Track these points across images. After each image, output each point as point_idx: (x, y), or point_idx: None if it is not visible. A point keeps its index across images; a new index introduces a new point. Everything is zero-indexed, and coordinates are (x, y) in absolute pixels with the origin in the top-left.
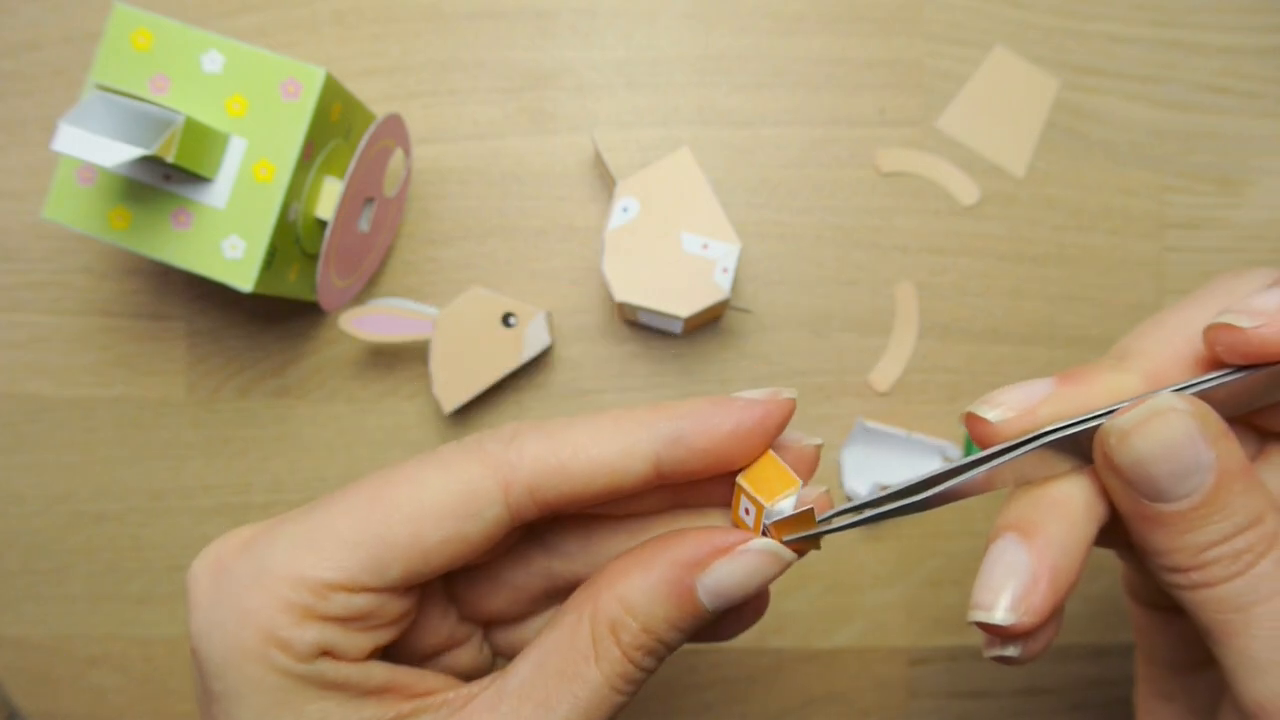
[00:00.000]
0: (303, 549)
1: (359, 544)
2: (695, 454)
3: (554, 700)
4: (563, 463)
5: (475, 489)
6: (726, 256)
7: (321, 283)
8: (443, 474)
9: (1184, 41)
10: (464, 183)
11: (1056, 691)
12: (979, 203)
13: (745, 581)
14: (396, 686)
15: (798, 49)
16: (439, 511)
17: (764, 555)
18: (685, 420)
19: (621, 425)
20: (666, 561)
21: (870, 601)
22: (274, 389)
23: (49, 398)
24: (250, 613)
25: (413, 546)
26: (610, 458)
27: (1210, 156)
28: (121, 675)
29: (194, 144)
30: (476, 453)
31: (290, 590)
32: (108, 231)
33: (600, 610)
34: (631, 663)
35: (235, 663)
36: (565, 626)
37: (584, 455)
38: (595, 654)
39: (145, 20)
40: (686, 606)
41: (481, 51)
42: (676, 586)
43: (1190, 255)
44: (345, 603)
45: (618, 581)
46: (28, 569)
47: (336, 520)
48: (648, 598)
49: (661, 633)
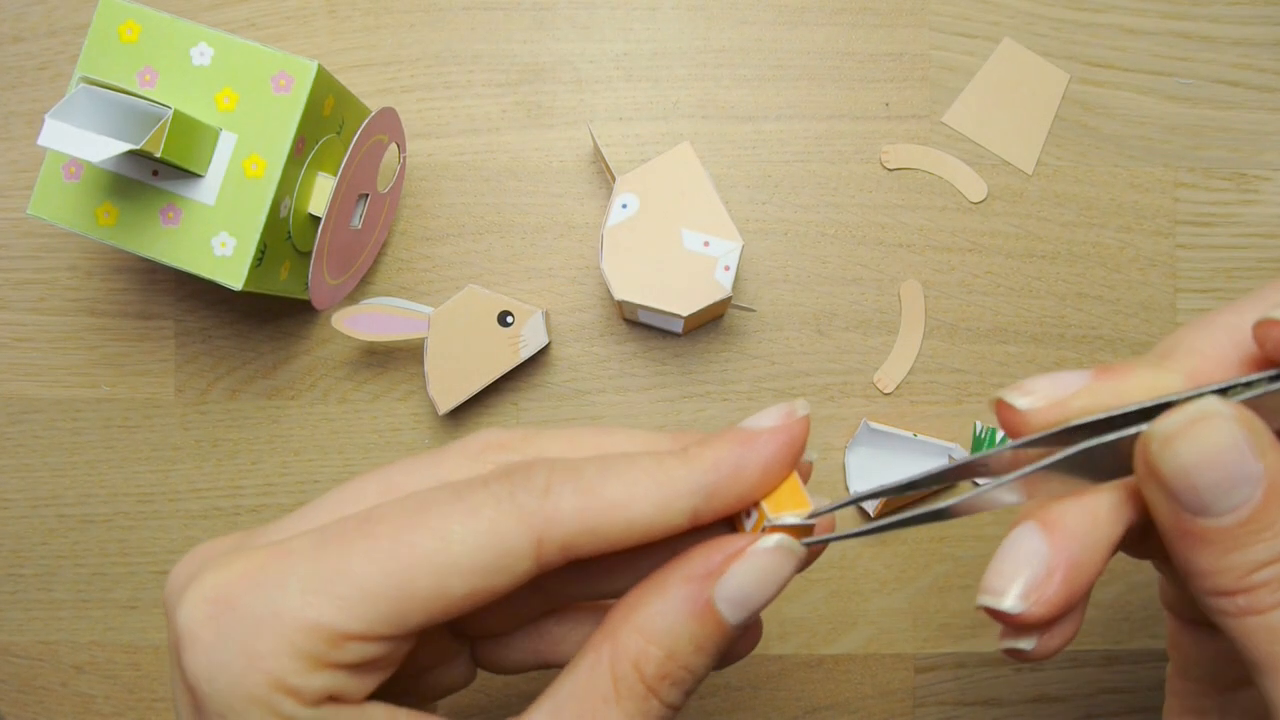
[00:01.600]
0: (319, 595)
1: (380, 596)
2: (729, 503)
3: None
4: (597, 523)
5: (508, 547)
6: (728, 254)
7: (314, 281)
8: (472, 524)
9: (1197, 34)
10: (459, 178)
11: (1067, 700)
12: (987, 199)
13: (762, 583)
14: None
15: (801, 41)
16: (468, 567)
17: (776, 552)
18: (720, 472)
19: (657, 480)
20: (680, 579)
21: (875, 607)
22: (265, 389)
23: (34, 398)
24: (259, 657)
25: (436, 599)
26: (648, 517)
27: (1223, 151)
28: (108, 682)
29: (183, 138)
30: (509, 505)
31: (304, 639)
32: (94, 228)
33: (620, 646)
34: (657, 698)
35: (240, 707)
36: (582, 670)
37: (621, 515)
38: (616, 694)
39: (133, 12)
40: (709, 623)
41: (477, 44)
42: (695, 603)
43: (1203, 252)
44: (359, 651)
45: (634, 613)
46: (12, 574)
47: (355, 565)
48: (668, 621)
49: (687, 658)
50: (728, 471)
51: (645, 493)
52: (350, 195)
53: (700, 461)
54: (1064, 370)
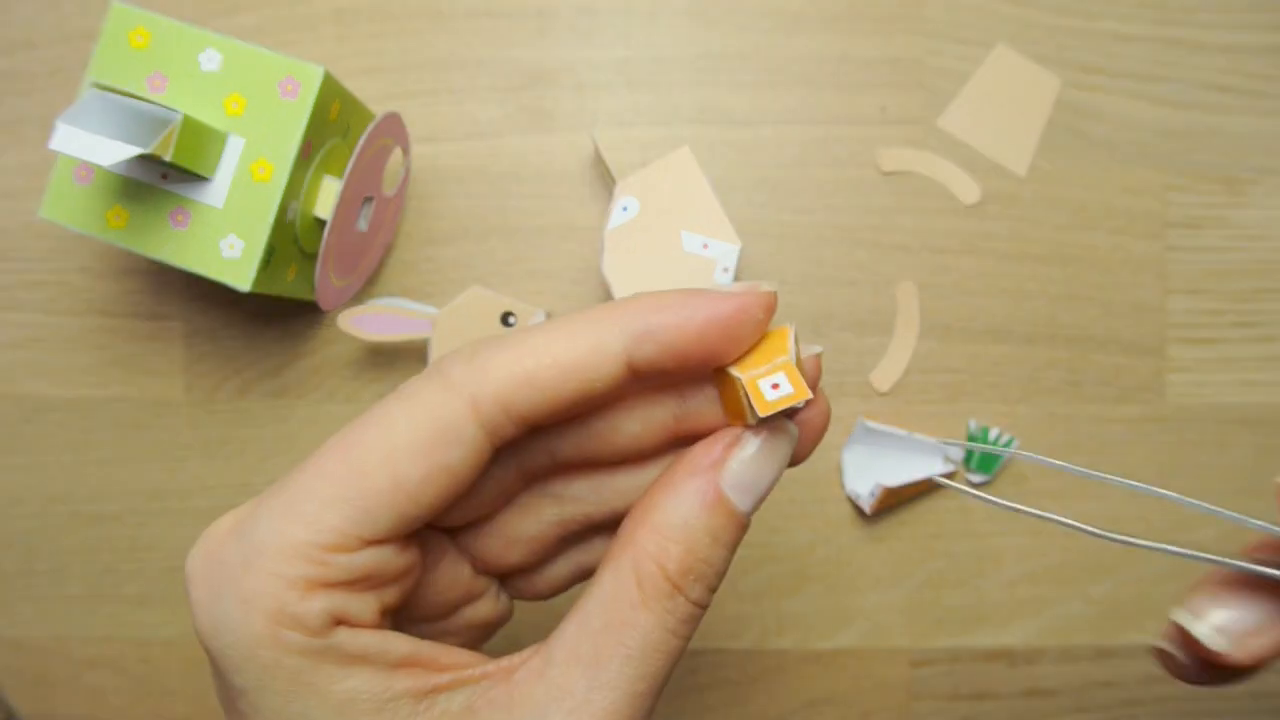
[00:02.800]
0: (286, 518)
1: (341, 499)
2: (666, 350)
3: (604, 656)
4: (530, 372)
5: (445, 417)
6: (727, 256)
7: (320, 282)
8: (408, 408)
9: (1186, 40)
10: (463, 182)
11: (1060, 693)
12: (980, 202)
13: (764, 466)
14: (423, 660)
15: (798, 47)
16: (413, 448)
17: (773, 434)
18: (655, 314)
19: (588, 323)
20: (687, 473)
21: (871, 603)
22: (272, 389)
23: (46, 398)
24: (253, 598)
25: (396, 490)
26: (579, 358)
27: (1213, 155)
28: (119, 676)
29: (192, 143)
30: (439, 379)
31: (286, 565)
32: (105, 230)
33: (640, 549)
34: (684, 595)
35: (250, 653)
36: (605, 579)
37: (550, 360)
38: (643, 595)
39: (143, 18)
40: (721, 513)
41: (481, 50)
42: (706, 494)
43: (1193, 254)
44: (347, 564)
45: (649, 515)
46: (25, 570)
47: (313, 482)
48: (682, 515)
49: (706, 550)
50: (663, 316)
51: (575, 337)
52: (356, 198)
53: (636, 302)
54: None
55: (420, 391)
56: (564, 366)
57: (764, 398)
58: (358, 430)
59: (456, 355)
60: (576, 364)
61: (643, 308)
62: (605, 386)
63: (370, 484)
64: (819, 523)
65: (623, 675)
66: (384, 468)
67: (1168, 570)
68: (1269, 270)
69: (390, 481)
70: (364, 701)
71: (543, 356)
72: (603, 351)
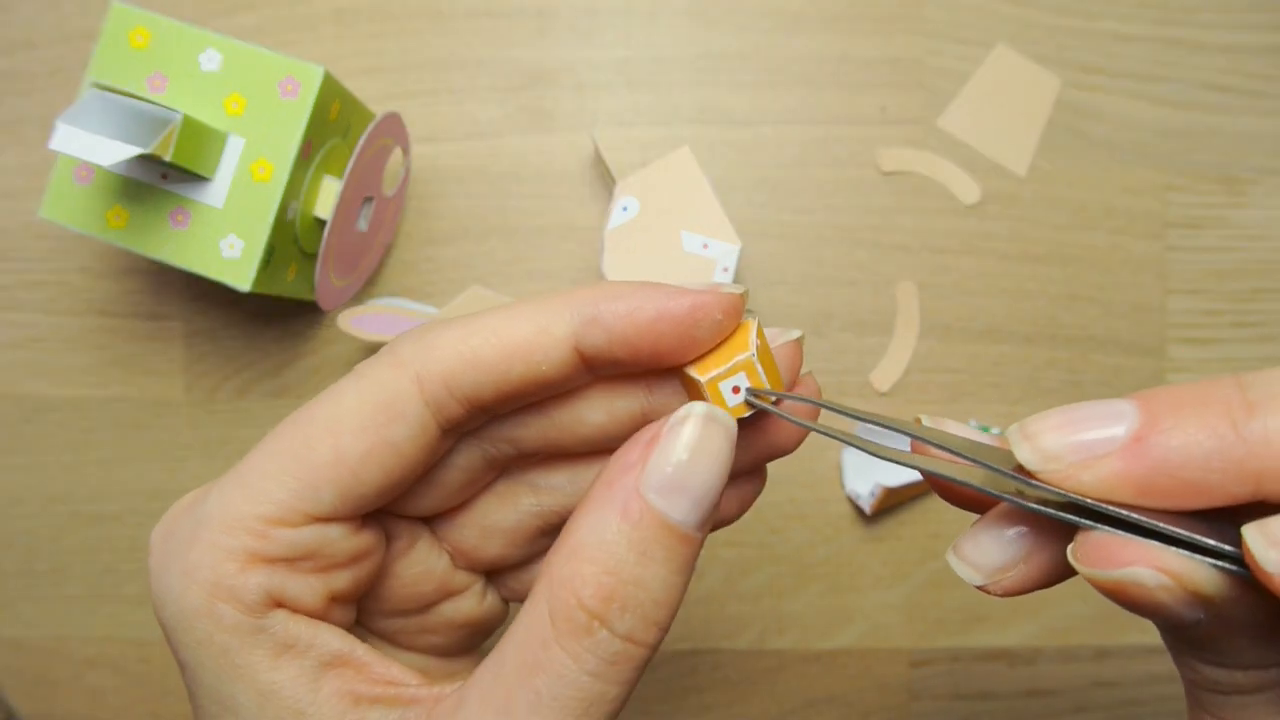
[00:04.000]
0: (233, 492)
1: (285, 473)
2: (615, 339)
3: (514, 703)
4: (474, 350)
5: (389, 391)
6: (727, 256)
7: (320, 282)
8: (356, 384)
9: (1186, 40)
10: (463, 182)
11: (1060, 693)
12: (980, 202)
13: (693, 463)
14: (354, 662)
15: (798, 48)
16: (357, 423)
17: (698, 424)
18: (605, 302)
19: (537, 307)
20: (604, 483)
21: (871, 603)
22: (272, 389)
23: (46, 398)
24: (193, 569)
25: (339, 464)
26: (523, 340)
27: (1213, 155)
28: (119, 676)
29: (192, 143)
30: (388, 357)
31: (227, 535)
32: (105, 230)
33: (555, 577)
34: (606, 626)
35: (188, 625)
36: (522, 614)
37: (495, 340)
38: (555, 631)
39: (143, 18)
40: (647, 524)
41: (481, 50)
42: (624, 505)
43: (1192, 254)
44: (289, 539)
45: (566, 537)
46: (25, 570)
47: (260, 457)
48: (598, 532)
49: (629, 569)
50: (613, 305)
51: (522, 318)
52: (356, 198)
53: (589, 290)
54: (1096, 404)
55: (369, 369)
56: (508, 347)
57: (725, 402)
58: (309, 407)
59: (409, 334)
60: (521, 345)
61: (595, 295)
62: (553, 371)
63: (313, 458)
64: (819, 523)
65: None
66: (327, 441)
67: None
68: (1269, 270)
69: (333, 455)
70: (286, 697)
71: (488, 336)
72: (548, 334)
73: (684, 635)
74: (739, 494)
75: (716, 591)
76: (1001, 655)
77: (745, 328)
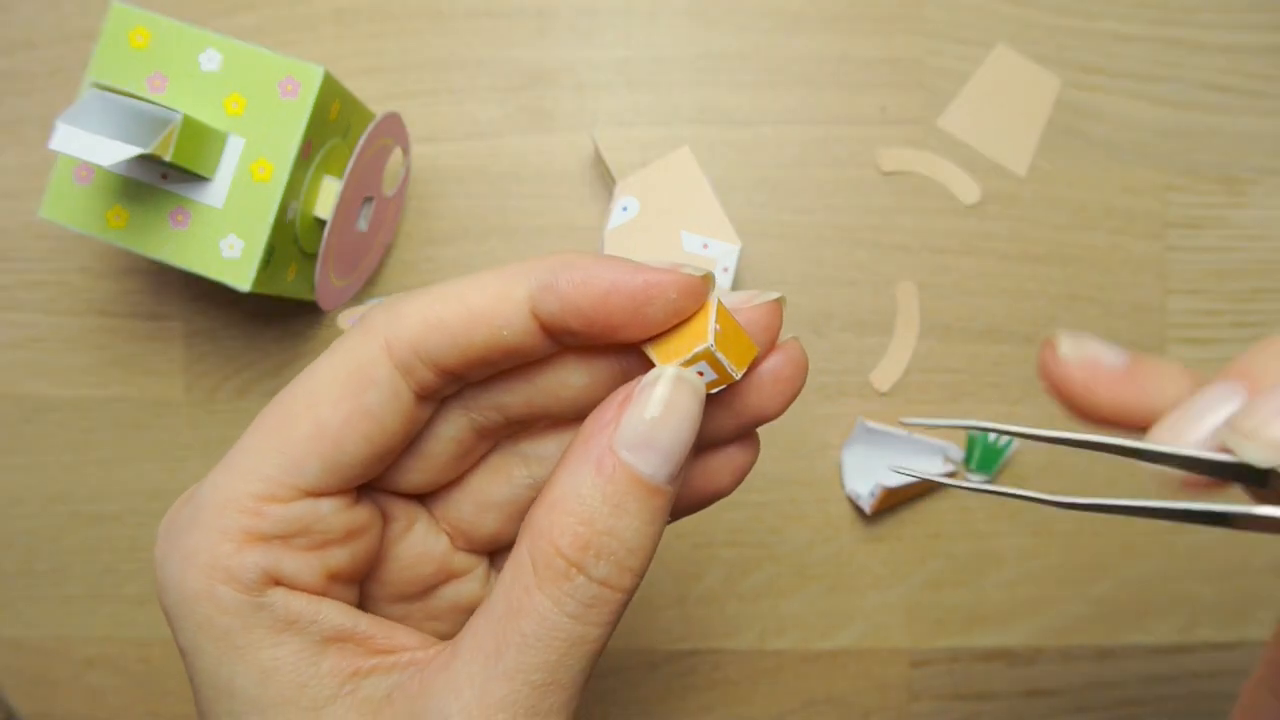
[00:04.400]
0: (224, 475)
1: (271, 449)
2: (569, 309)
3: (502, 645)
4: (439, 316)
5: (361, 359)
6: (727, 256)
7: (320, 282)
8: (330, 356)
9: (1186, 40)
10: (463, 182)
11: (1060, 693)
12: (980, 202)
13: (663, 421)
14: (357, 636)
15: (798, 48)
16: (333, 392)
17: (668, 385)
18: (562, 270)
19: (500, 273)
20: (580, 440)
21: (871, 603)
22: (272, 389)
23: (46, 398)
24: (191, 553)
25: (320, 436)
26: (485, 305)
27: (1213, 155)
28: (119, 676)
29: (192, 143)
30: (359, 327)
31: (220, 516)
32: (105, 230)
33: (535, 528)
34: (584, 573)
35: (188, 610)
36: (508, 566)
37: (458, 305)
38: (537, 578)
39: (143, 18)
40: (620, 479)
41: (481, 50)
42: (598, 461)
43: (1192, 254)
44: (281, 514)
45: (546, 492)
46: (25, 570)
47: (248, 440)
48: (574, 485)
49: (604, 520)
50: (568, 273)
51: (484, 279)
52: (356, 198)
53: (549, 258)
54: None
55: (342, 341)
56: (471, 312)
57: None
58: (290, 387)
59: (382, 304)
60: (483, 311)
61: (553, 262)
62: (515, 338)
63: (294, 432)
64: (819, 523)
65: (520, 665)
66: (307, 414)
67: (1167, 570)
68: (1269, 270)
69: (314, 427)
70: (287, 673)
71: (451, 302)
72: (508, 299)
73: (684, 635)
74: (731, 463)
75: (716, 591)
76: (1001, 655)
77: (706, 310)
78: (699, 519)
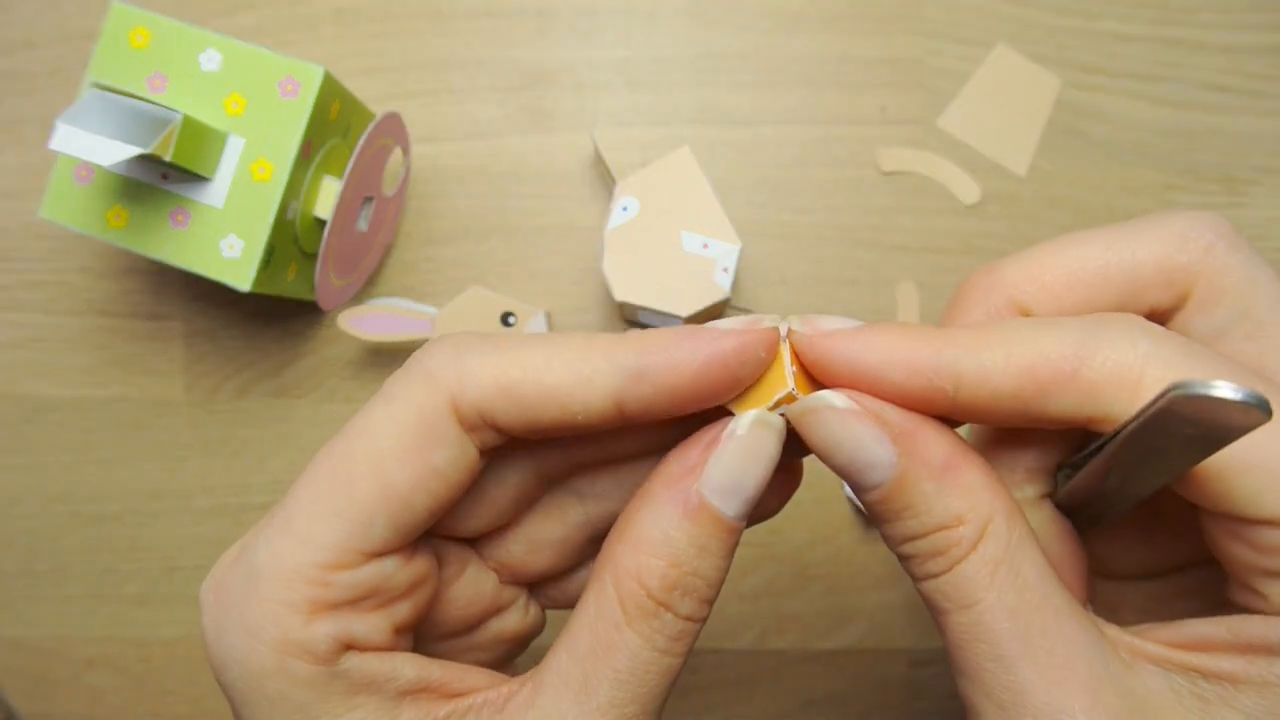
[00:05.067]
0: (283, 540)
1: (333, 514)
2: (662, 392)
3: (593, 681)
4: (512, 383)
5: (425, 415)
6: (727, 256)
7: (320, 282)
8: (389, 409)
9: (1186, 40)
10: (463, 182)
11: None
12: (980, 202)
13: (747, 466)
14: (432, 685)
15: (798, 48)
16: (398, 450)
17: (753, 430)
18: (651, 355)
19: (581, 351)
20: (663, 482)
21: (871, 602)
22: (272, 389)
23: (46, 398)
24: (257, 628)
25: (387, 496)
26: (565, 387)
27: (1213, 155)
28: (119, 676)
29: (192, 143)
30: (419, 376)
31: (287, 589)
32: (105, 230)
33: (620, 567)
34: (671, 610)
35: (256, 685)
36: (589, 600)
37: (534, 378)
38: (626, 616)
39: (143, 18)
40: (705, 520)
41: (481, 50)
42: (686, 504)
43: None
44: (350, 581)
45: (627, 530)
46: (25, 570)
47: (305, 499)
48: (662, 528)
49: (692, 562)
50: (659, 357)
51: (565, 362)
52: (355, 198)
53: (632, 340)
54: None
55: (400, 391)
56: (547, 389)
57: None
58: (345, 439)
59: (441, 347)
60: (562, 391)
61: (640, 348)
62: (588, 420)
63: (360, 493)
64: (819, 523)
65: (613, 699)
66: (372, 475)
67: None
68: None
69: (380, 489)
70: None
71: (528, 372)
72: (590, 386)
73: None
74: (779, 490)
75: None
76: None
77: (778, 362)
78: None
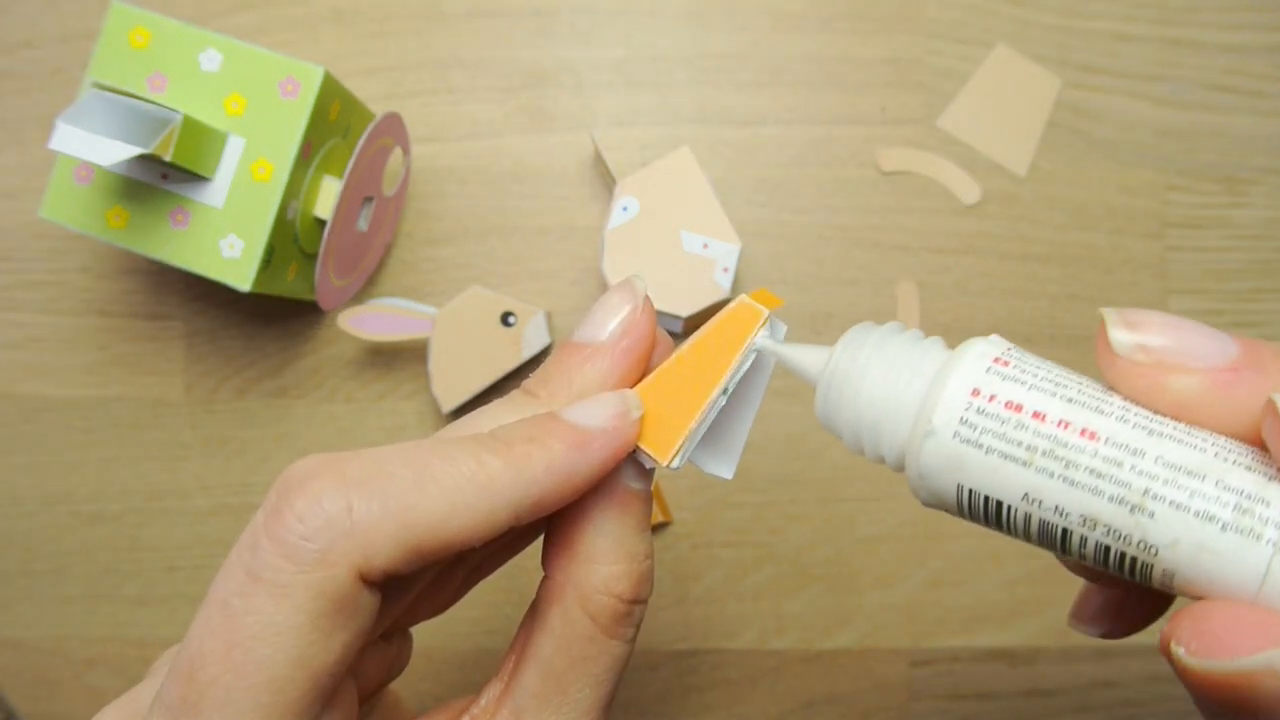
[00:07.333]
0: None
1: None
2: (557, 504)
3: (571, 689)
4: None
5: (332, 598)
6: (727, 256)
7: (320, 282)
8: (290, 603)
9: (1186, 40)
10: (463, 182)
11: (1060, 693)
12: (980, 202)
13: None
14: None
15: (798, 47)
16: (312, 639)
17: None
18: (546, 483)
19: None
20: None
21: (871, 603)
22: (272, 389)
23: (46, 398)
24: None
25: (317, 688)
26: (467, 531)
27: (1213, 155)
28: (119, 677)
29: (192, 143)
30: (311, 560)
31: None
32: (105, 230)
33: (584, 584)
34: (639, 604)
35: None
36: (555, 622)
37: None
38: (601, 628)
39: (143, 18)
40: (635, 505)
41: (481, 50)
42: (619, 497)
43: (1193, 254)
44: None
45: (578, 549)
46: (25, 570)
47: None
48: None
49: (639, 550)
50: (556, 481)
51: (465, 501)
52: (355, 198)
53: (528, 469)
54: (1197, 324)
55: (291, 579)
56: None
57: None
58: (240, 643)
59: (319, 509)
60: (463, 534)
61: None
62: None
63: (289, 696)
64: (819, 523)
65: (593, 699)
66: (300, 681)
67: None
68: (1269, 270)
69: (309, 687)
70: None
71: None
72: (491, 521)
73: (684, 635)
74: None
75: (716, 591)
76: (1001, 655)
77: None
78: (699, 519)
